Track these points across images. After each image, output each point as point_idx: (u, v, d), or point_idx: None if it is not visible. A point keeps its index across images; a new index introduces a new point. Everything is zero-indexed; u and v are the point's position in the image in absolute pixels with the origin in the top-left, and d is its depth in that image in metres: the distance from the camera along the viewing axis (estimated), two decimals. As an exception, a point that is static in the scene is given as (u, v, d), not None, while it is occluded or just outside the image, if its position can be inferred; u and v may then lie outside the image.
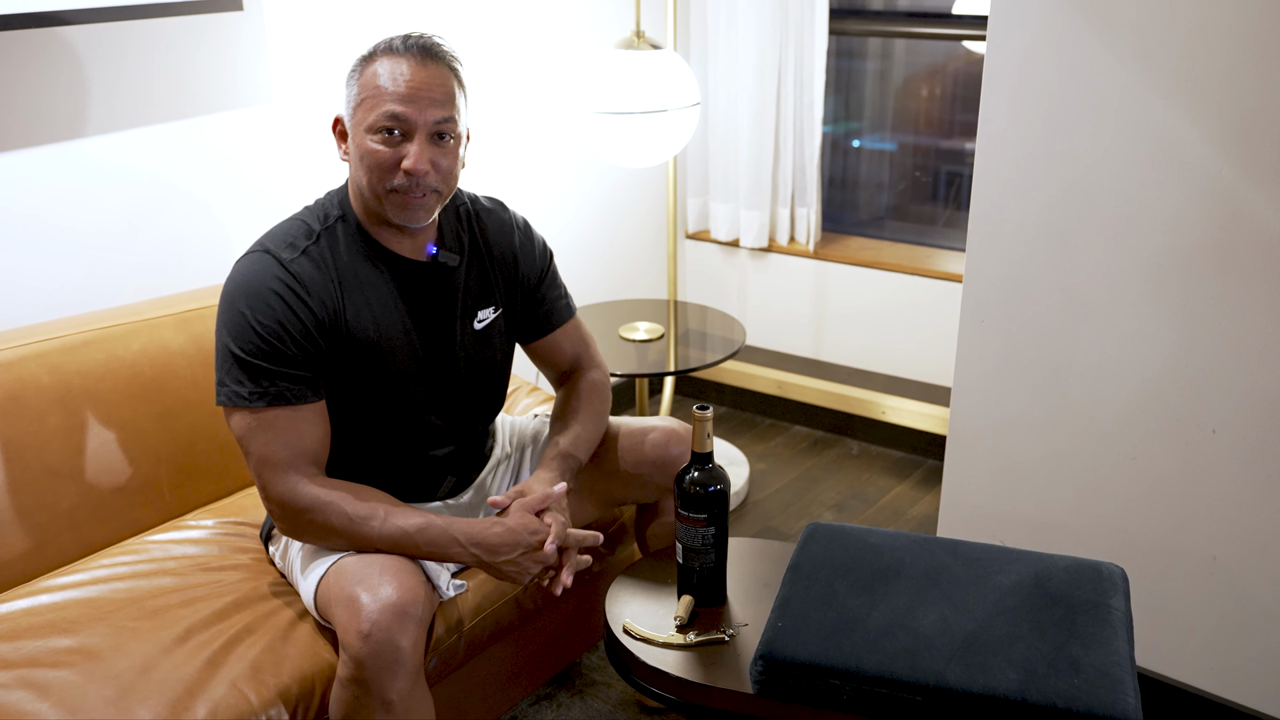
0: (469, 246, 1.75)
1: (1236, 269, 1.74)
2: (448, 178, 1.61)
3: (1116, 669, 1.40)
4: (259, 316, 1.54)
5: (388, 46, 1.57)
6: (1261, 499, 1.81)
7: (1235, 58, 1.66)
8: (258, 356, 1.54)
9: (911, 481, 3.02)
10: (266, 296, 1.55)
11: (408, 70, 1.54)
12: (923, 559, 1.63)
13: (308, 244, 1.61)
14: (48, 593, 1.69)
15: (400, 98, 1.54)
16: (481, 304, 1.76)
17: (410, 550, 1.58)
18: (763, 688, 1.47)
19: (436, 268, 1.70)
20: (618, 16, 3.06)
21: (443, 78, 1.57)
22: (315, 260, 1.60)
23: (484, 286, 1.76)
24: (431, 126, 1.56)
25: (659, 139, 2.58)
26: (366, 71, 1.57)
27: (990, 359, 2.04)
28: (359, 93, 1.57)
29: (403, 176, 1.55)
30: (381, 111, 1.54)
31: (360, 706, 1.50)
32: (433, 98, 1.55)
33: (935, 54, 3.22)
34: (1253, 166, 1.69)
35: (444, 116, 1.57)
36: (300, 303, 1.56)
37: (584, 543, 1.67)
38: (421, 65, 1.55)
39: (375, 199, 1.59)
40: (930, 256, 3.16)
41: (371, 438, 1.70)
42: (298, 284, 1.57)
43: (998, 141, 1.92)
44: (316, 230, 1.63)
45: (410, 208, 1.58)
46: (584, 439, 1.82)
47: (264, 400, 1.54)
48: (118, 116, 2.05)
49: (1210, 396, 1.82)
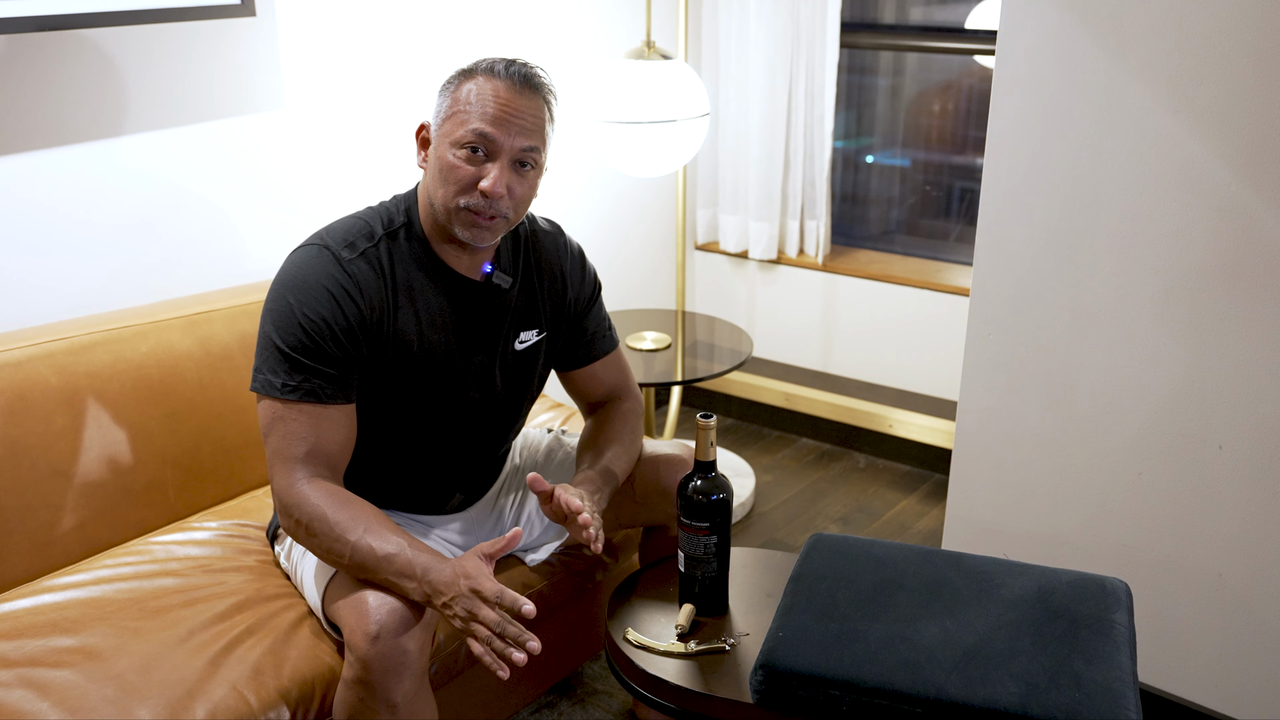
0: (522, 269, 1.75)
1: (1245, 285, 1.73)
2: (519, 206, 1.60)
3: (1118, 684, 1.39)
4: (306, 310, 1.54)
5: (489, 67, 1.57)
6: (1268, 516, 1.80)
7: (1244, 73, 1.65)
8: (298, 350, 1.53)
9: (918, 496, 3.01)
10: (317, 291, 1.55)
11: (504, 94, 1.55)
12: (925, 571, 1.63)
13: (367, 246, 1.60)
14: (50, 592, 1.69)
15: (491, 119, 1.54)
16: (526, 326, 1.75)
17: (374, 574, 1.51)
18: (763, 698, 1.46)
19: (489, 287, 1.69)
20: (628, 27, 3.07)
21: (536, 108, 1.58)
22: (372, 263, 1.59)
23: (530, 309, 1.76)
24: (516, 153, 1.56)
25: (668, 149, 2.58)
26: (463, 87, 1.57)
27: (997, 373, 2.04)
28: (450, 106, 1.57)
29: (478, 196, 1.55)
30: (470, 129, 1.54)
31: (365, 709, 1.50)
32: (523, 125, 1.56)
33: (948, 70, 3.23)
34: (1262, 181, 1.68)
35: (530, 145, 1.57)
36: (350, 303, 1.56)
37: (511, 605, 1.45)
38: (518, 92, 1.56)
39: (445, 212, 1.58)
40: (940, 271, 3.16)
41: (393, 446, 1.70)
42: (351, 284, 1.56)
43: (1006, 155, 1.92)
44: (379, 234, 1.62)
45: (478, 227, 1.58)
46: (619, 463, 1.78)
47: (296, 394, 1.53)
48: (130, 120, 2.06)
49: (1218, 412, 1.81)
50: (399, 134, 2.53)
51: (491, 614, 1.44)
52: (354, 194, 2.44)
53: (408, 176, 2.51)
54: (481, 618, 1.44)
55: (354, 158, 2.46)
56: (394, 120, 2.52)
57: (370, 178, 2.49)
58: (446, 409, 1.69)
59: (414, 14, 2.51)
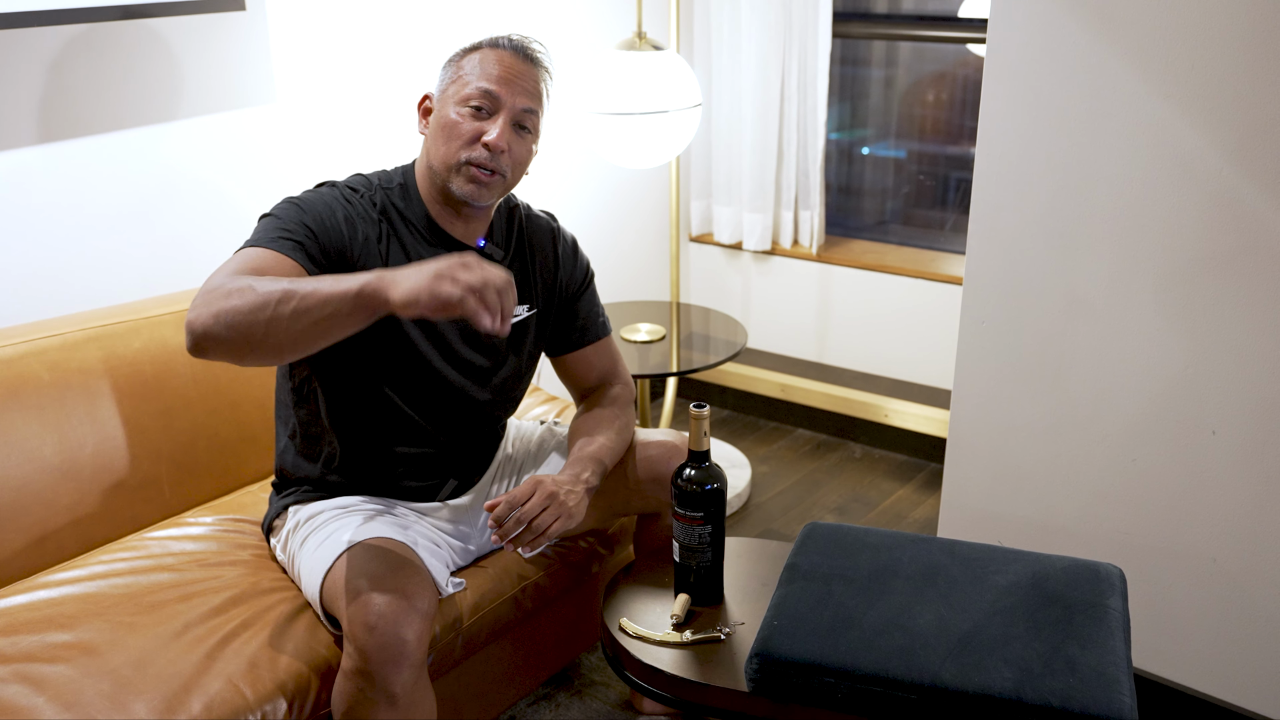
0: (514, 245, 1.80)
1: (1237, 270, 1.74)
2: (516, 166, 1.67)
3: (1113, 669, 1.40)
4: (309, 206, 1.60)
5: (492, 41, 1.67)
6: (1261, 501, 1.81)
7: (1235, 58, 1.65)
8: (292, 225, 1.56)
9: (914, 485, 3.01)
10: (323, 201, 1.62)
11: (507, 59, 1.65)
12: (920, 559, 1.63)
13: (366, 191, 1.68)
14: (46, 588, 1.69)
15: (495, 79, 1.63)
16: (517, 300, 1.77)
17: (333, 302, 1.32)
18: (758, 686, 1.47)
19: (483, 255, 1.72)
20: (620, 18, 3.06)
21: (536, 76, 1.68)
22: (369, 204, 1.67)
23: (522, 284, 1.80)
24: (517, 113, 1.64)
25: (661, 140, 2.58)
26: (468, 58, 1.66)
27: (990, 361, 2.04)
28: (455, 73, 1.66)
29: (480, 149, 1.61)
30: (476, 87, 1.62)
31: (364, 699, 1.50)
32: (525, 87, 1.65)
33: (942, 60, 3.22)
34: (1254, 167, 1.68)
35: (530, 107, 1.65)
36: (349, 221, 1.62)
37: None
38: (521, 60, 1.66)
39: (445, 170, 1.64)
40: (934, 260, 3.16)
41: (386, 417, 1.71)
42: (352, 211, 1.63)
43: (998, 143, 1.92)
44: (375, 185, 1.70)
45: (477, 183, 1.63)
46: (609, 447, 1.79)
47: (273, 246, 1.52)
48: (120, 115, 2.06)
49: (1210, 398, 1.81)
50: (390, 126, 2.53)
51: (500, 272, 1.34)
52: (346, 188, 2.44)
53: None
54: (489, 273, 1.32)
55: (346, 150, 2.45)
56: (385, 112, 2.51)
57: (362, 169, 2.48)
58: (436, 371, 1.70)
59: (404, 6, 2.51)
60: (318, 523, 1.70)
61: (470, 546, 1.86)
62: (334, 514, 1.71)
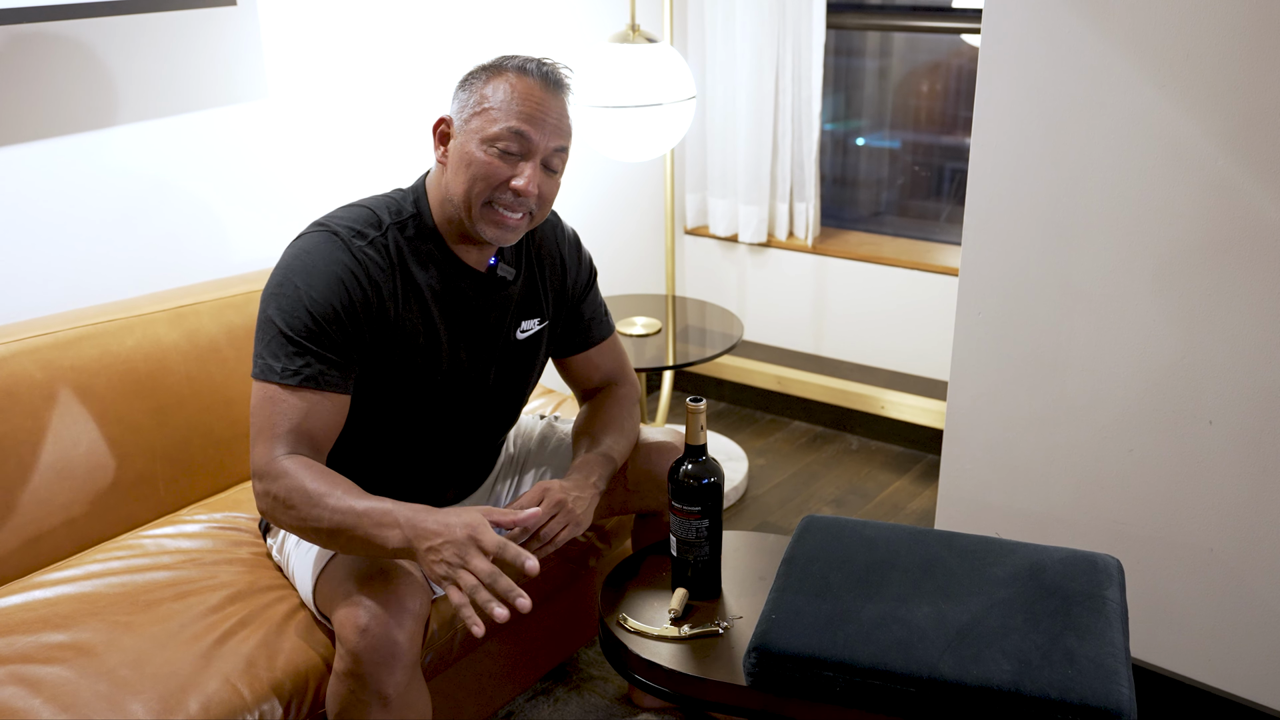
0: (524, 260, 1.74)
1: (1233, 260, 1.73)
2: (544, 204, 1.61)
3: (1111, 660, 1.40)
4: (314, 294, 1.51)
5: (519, 66, 1.57)
6: (1258, 491, 1.81)
7: (1230, 48, 1.65)
8: (302, 335, 1.50)
9: (911, 476, 3.01)
10: (326, 276, 1.52)
11: (537, 93, 1.55)
12: (917, 551, 1.63)
13: (375, 235, 1.58)
14: (41, 588, 1.69)
15: (527, 118, 1.54)
16: (528, 315, 1.75)
17: (353, 533, 1.44)
18: (756, 680, 1.46)
19: (493, 279, 1.68)
20: (613, 11, 3.05)
21: (564, 108, 1.60)
22: (380, 251, 1.57)
23: (533, 298, 1.75)
24: (548, 153, 1.58)
25: (655, 133, 2.57)
26: (491, 83, 1.56)
27: (987, 351, 2.04)
28: (479, 102, 1.56)
29: (509, 194, 1.55)
30: (505, 126, 1.53)
31: (356, 701, 1.50)
32: (555, 126, 1.57)
33: (937, 50, 3.22)
34: (1249, 156, 1.68)
35: (561, 146, 1.59)
36: (359, 289, 1.54)
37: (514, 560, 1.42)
38: (551, 93, 1.57)
39: (467, 209, 1.56)
40: (930, 251, 3.15)
41: (392, 435, 1.69)
42: (360, 270, 1.54)
43: (993, 134, 1.92)
44: (387, 223, 1.60)
45: (504, 227, 1.57)
46: (617, 447, 1.76)
47: (295, 379, 1.50)
48: (111, 112, 2.04)
49: (1207, 388, 1.81)
50: (383, 122, 2.52)
51: (486, 565, 1.39)
52: (339, 183, 2.43)
53: (393, 164, 2.51)
54: (473, 566, 1.38)
55: (338, 146, 2.44)
56: (378, 108, 2.50)
57: (355, 166, 2.47)
58: (447, 398, 1.68)
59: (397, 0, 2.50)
60: None
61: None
62: None
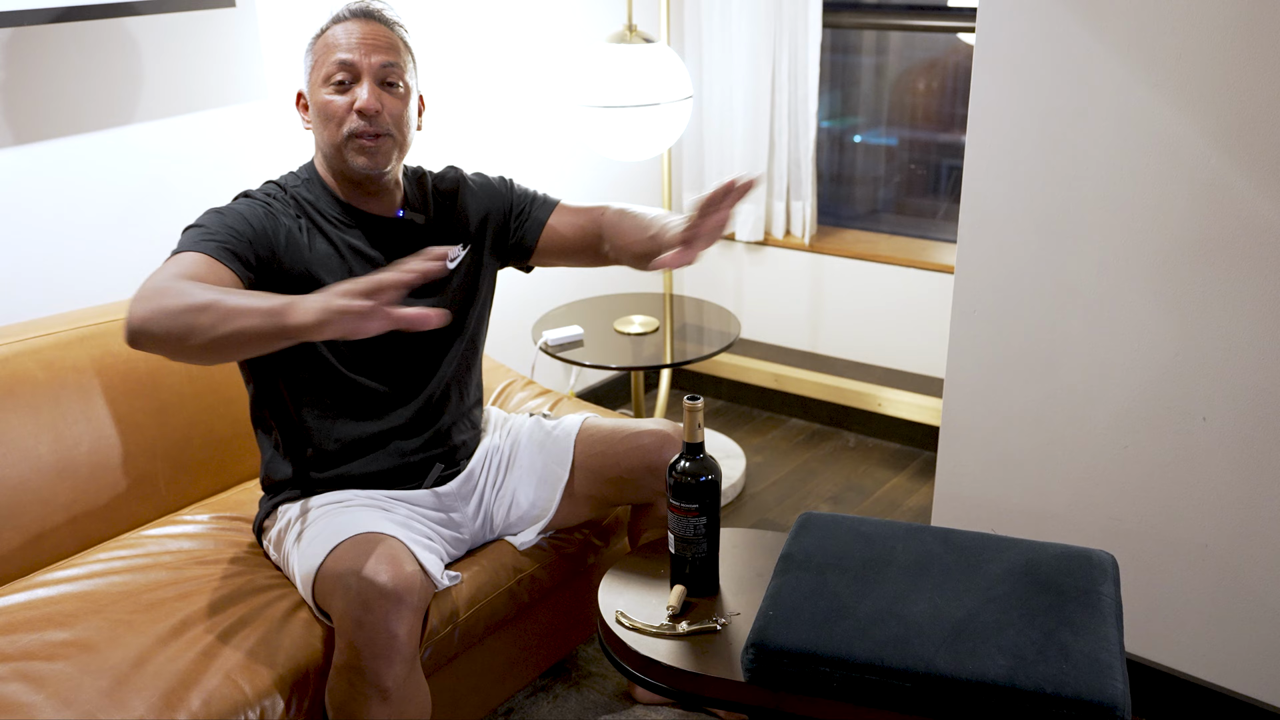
0: (433, 206, 1.84)
1: (1227, 258, 1.74)
2: (399, 124, 1.70)
3: (1105, 655, 1.41)
4: (228, 210, 1.64)
5: (335, 17, 1.71)
6: (1252, 487, 1.82)
7: (1222, 47, 1.66)
8: (212, 227, 1.59)
9: (908, 473, 3.02)
10: (241, 204, 1.67)
11: (352, 27, 1.68)
12: (914, 548, 1.64)
13: (279, 192, 1.73)
14: (44, 587, 1.70)
15: (345, 47, 1.67)
16: (453, 244, 1.84)
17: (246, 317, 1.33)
18: (754, 676, 1.47)
19: (406, 225, 1.78)
20: (610, 11, 3.06)
21: (385, 32, 1.70)
22: (284, 203, 1.71)
23: (448, 232, 1.84)
24: (377, 71, 1.67)
25: (652, 132, 2.58)
26: (319, 41, 1.71)
27: (982, 350, 2.05)
28: (313, 59, 1.71)
29: (355, 118, 1.65)
30: (332, 61, 1.66)
31: (356, 694, 1.51)
32: (375, 44, 1.68)
33: (933, 47, 3.22)
34: (1242, 155, 1.69)
35: (388, 61, 1.68)
36: (270, 222, 1.65)
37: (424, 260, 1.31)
38: (364, 21, 1.69)
39: (336, 152, 1.68)
40: (926, 249, 3.17)
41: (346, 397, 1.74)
42: (269, 211, 1.67)
43: (988, 132, 1.93)
44: (288, 184, 1.75)
45: (368, 152, 1.67)
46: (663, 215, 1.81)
47: (195, 247, 1.55)
48: (111, 112, 2.05)
49: (1201, 385, 1.82)
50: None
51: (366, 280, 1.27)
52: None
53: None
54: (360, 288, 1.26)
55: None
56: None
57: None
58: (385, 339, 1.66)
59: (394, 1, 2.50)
60: (310, 519, 1.71)
61: (463, 536, 1.86)
62: (324, 509, 1.72)
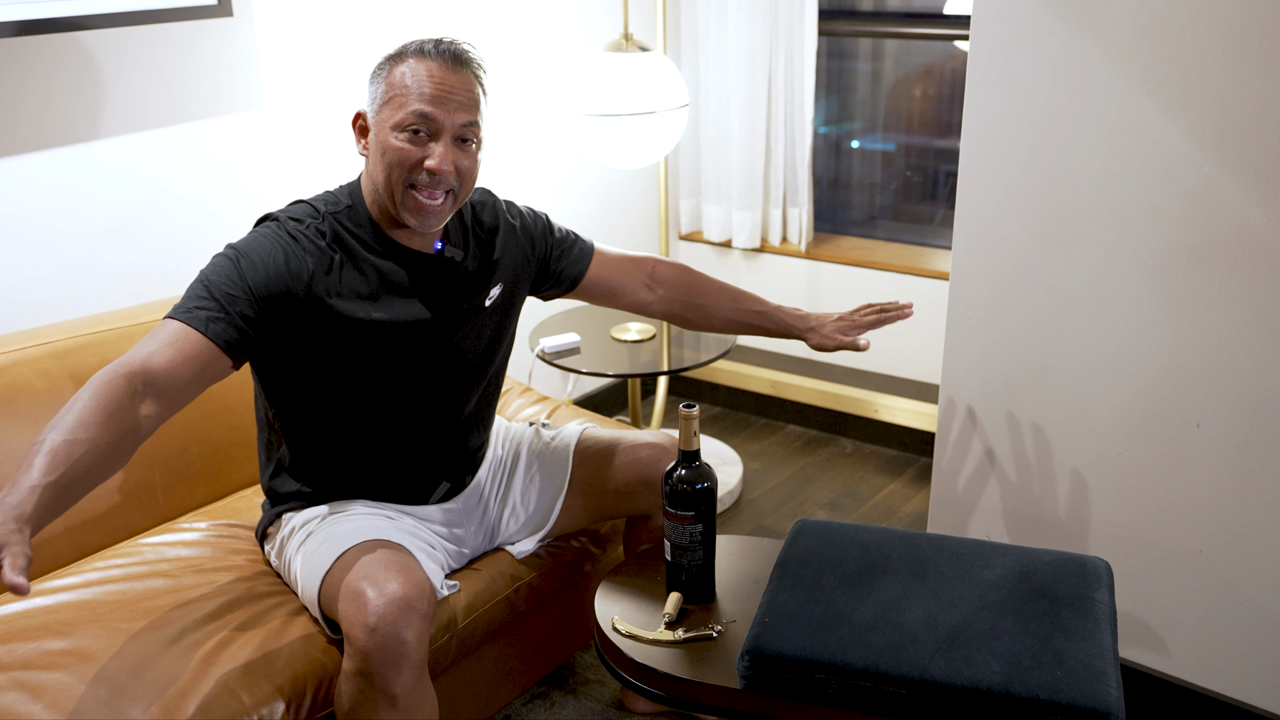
0: (471, 241, 1.78)
1: (1220, 265, 1.75)
2: (465, 180, 1.64)
3: (1099, 661, 1.41)
4: (245, 250, 1.58)
5: (418, 49, 1.60)
6: (1247, 492, 1.83)
7: (1216, 54, 1.67)
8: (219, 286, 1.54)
9: (904, 479, 3.03)
10: (261, 241, 1.59)
11: (438, 73, 1.58)
12: (909, 554, 1.65)
13: (312, 220, 1.64)
14: (41, 595, 1.70)
15: (429, 99, 1.57)
16: (488, 284, 1.79)
17: None
18: (750, 683, 1.48)
19: (443, 260, 1.72)
20: (606, 19, 3.07)
21: (470, 83, 1.61)
22: (316, 233, 1.63)
23: (487, 273, 1.79)
24: (457, 129, 1.60)
25: (648, 140, 2.59)
26: (395, 71, 1.60)
27: (977, 355, 2.06)
28: (386, 91, 1.60)
29: (424, 174, 1.58)
30: (410, 110, 1.57)
31: (365, 700, 1.52)
32: (460, 101, 1.59)
33: (930, 54, 3.24)
34: (1235, 162, 1.70)
35: (469, 120, 1.61)
36: (290, 262, 1.58)
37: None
38: (451, 70, 1.59)
39: (391, 197, 1.61)
40: (922, 255, 3.17)
41: (369, 428, 1.72)
42: (295, 246, 1.60)
43: (982, 139, 1.93)
44: (323, 211, 1.66)
45: (425, 212, 1.61)
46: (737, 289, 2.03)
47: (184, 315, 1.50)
48: (109, 122, 2.06)
49: (1195, 391, 1.83)
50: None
51: None
52: (336, 192, 2.45)
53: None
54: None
55: (335, 155, 2.46)
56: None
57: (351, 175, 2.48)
58: (416, 377, 1.71)
59: (390, 9, 2.51)
60: (314, 527, 1.71)
61: (464, 550, 1.87)
62: (329, 518, 1.72)
